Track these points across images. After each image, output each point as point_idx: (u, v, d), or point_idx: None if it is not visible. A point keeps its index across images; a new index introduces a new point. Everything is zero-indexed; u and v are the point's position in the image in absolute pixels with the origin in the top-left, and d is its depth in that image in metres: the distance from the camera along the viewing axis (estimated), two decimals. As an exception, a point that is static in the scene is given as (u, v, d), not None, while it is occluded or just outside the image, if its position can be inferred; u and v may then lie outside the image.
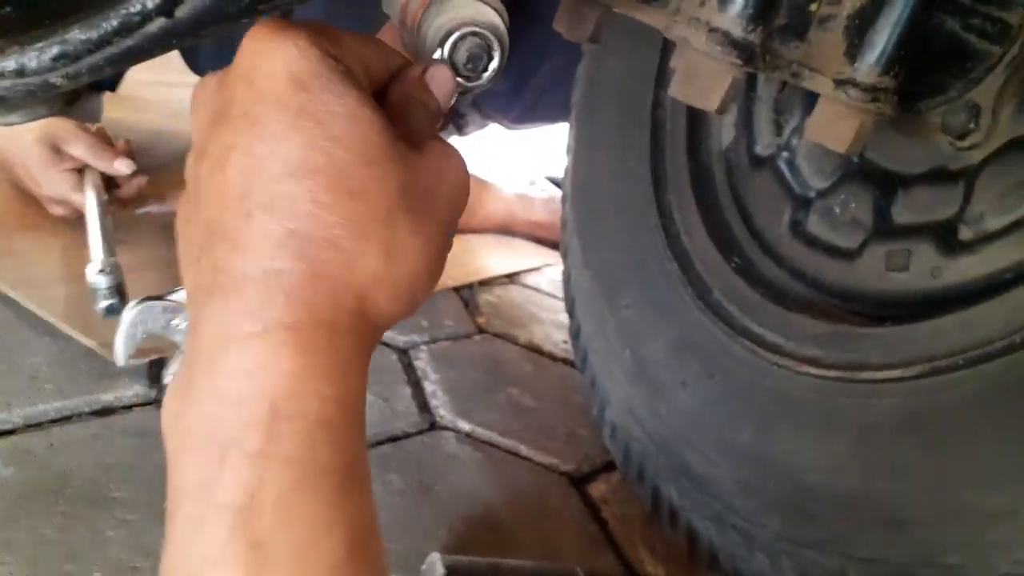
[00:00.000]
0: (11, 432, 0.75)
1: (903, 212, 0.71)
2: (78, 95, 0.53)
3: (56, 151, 1.07)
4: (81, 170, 1.08)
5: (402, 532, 0.78)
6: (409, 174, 0.36)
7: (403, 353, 1.10)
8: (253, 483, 0.31)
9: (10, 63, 0.46)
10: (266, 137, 0.34)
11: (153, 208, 1.10)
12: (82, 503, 0.69)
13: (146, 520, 0.69)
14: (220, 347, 0.32)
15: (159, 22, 0.47)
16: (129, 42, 0.47)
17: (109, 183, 1.10)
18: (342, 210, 0.33)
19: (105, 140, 1.13)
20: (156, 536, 0.68)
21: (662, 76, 0.93)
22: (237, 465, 0.31)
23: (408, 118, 0.39)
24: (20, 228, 1.07)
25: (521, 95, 1.44)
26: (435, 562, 0.67)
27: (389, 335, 1.12)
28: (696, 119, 0.91)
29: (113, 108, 1.39)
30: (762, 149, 0.85)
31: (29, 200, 1.11)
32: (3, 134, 1.07)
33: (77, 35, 0.46)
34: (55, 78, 0.47)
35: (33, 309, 0.90)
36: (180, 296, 0.56)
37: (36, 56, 0.47)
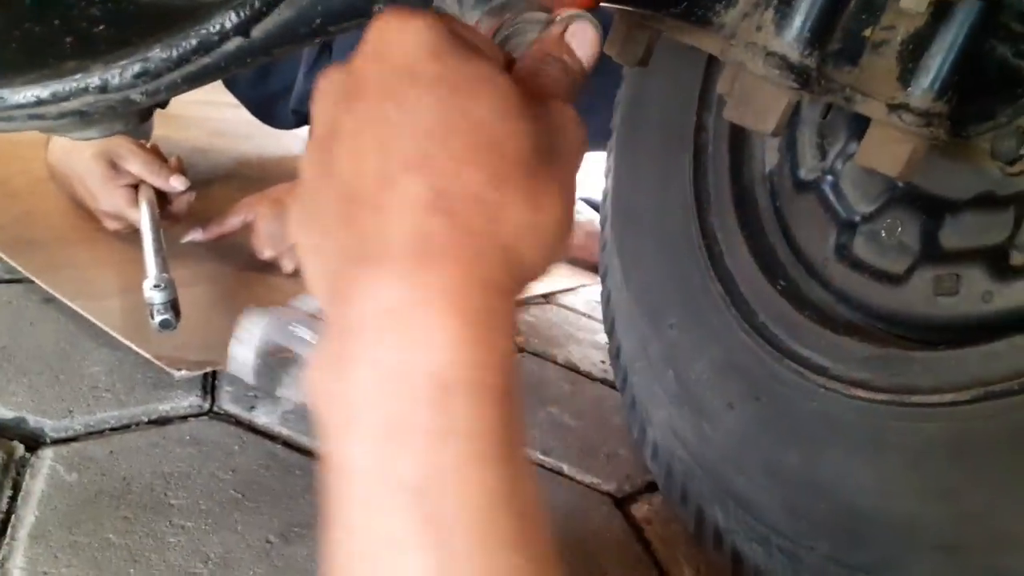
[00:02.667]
0: (73, 439, 0.77)
1: (951, 237, 0.71)
2: (151, 112, 0.55)
3: (113, 167, 1.09)
4: (136, 186, 1.11)
5: (448, 546, 0.79)
6: (540, 129, 0.36)
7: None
8: (430, 461, 0.30)
9: (94, 79, 0.48)
10: (402, 105, 0.33)
11: (196, 236, 1.13)
12: (142, 509, 0.70)
13: (203, 527, 0.70)
14: (373, 315, 0.31)
15: (236, 41, 0.49)
16: (206, 60, 0.49)
17: (161, 199, 1.12)
18: (483, 164, 0.33)
19: (160, 157, 1.15)
20: (213, 543, 0.69)
21: (704, 100, 0.94)
22: (410, 443, 0.30)
23: (541, 76, 0.40)
24: (78, 241, 1.10)
25: None
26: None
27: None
28: (738, 143, 0.92)
29: (159, 126, 1.42)
30: (806, 173, 0.86)
31: (86, 214, 1.14)
32: (64, 150, 1.10)
33: (158, 53, 0.48)
34: (135, 95, 0.49)
35: (92, 319, 0.91)
36: (301, 305, 0.57)
37: (119, 73, 0.48)
